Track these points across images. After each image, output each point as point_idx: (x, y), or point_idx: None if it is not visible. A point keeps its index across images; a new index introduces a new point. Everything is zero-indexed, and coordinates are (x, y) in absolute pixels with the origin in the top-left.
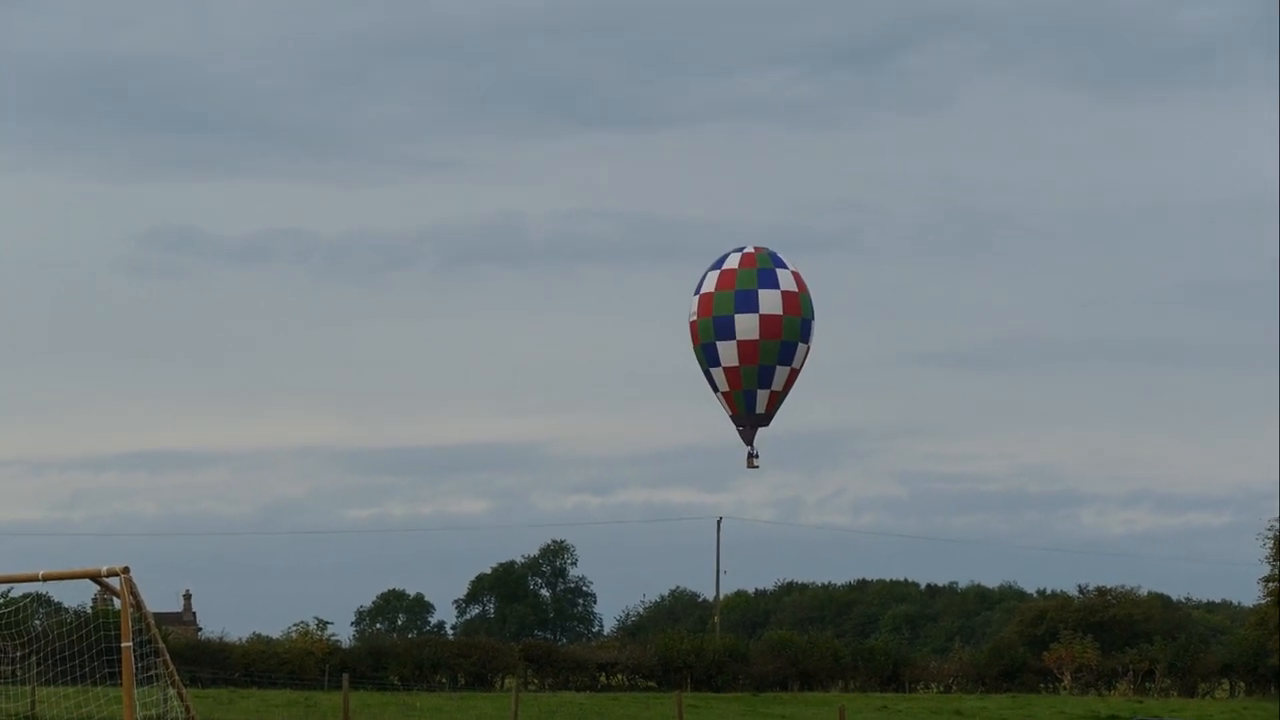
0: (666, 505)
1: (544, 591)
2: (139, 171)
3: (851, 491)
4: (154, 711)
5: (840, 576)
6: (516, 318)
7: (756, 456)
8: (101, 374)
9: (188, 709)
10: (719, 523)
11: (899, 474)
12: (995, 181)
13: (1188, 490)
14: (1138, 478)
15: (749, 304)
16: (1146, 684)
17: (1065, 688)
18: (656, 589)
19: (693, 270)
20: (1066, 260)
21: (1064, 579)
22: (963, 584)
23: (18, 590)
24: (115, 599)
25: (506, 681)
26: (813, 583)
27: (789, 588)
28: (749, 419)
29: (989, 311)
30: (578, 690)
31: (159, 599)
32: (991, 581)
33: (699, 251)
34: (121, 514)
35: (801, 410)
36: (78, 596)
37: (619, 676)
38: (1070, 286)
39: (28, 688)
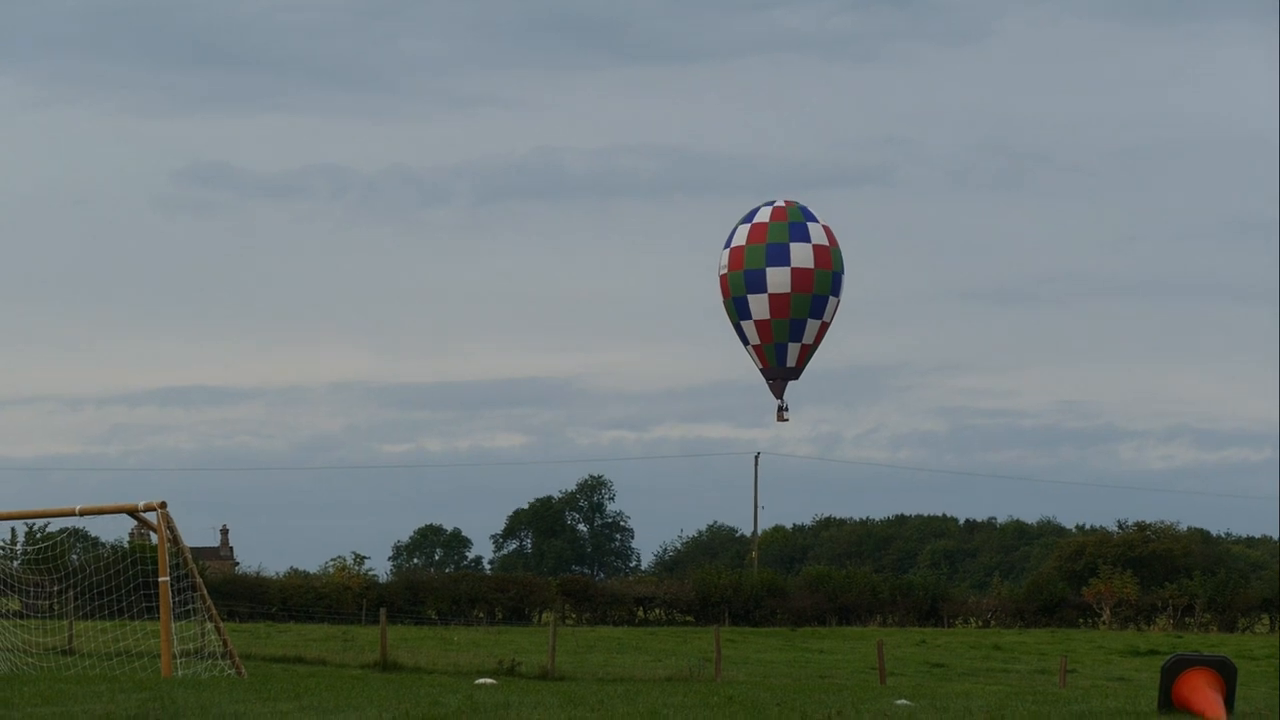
0: (704, 441)
1: (581, 527)
2: (174, 107)
3: (890, 427)
4: (191, 645)
5: (878, 512)
6: (553, 254)
7: (786, 409)
8: (137, 310)
9: (225, 643)
10: (756, 458)
11: (937, 409)
12: (1034, 116)
13: (1227, 426)
14: (1177, 413)
15: (781, 257)
16: (1186, 619)
17: (1104, 623)
18: (694, 524)
19: (730, 206)
20: (1105, 195)
21: (1103, 514)
22: (1001, 519)
23: (55, 525)
24: (152, 534)
25: (544, 616)
26: (850, 518)
27: (827, 523)
28: (780, 372)
29: (1027, 247)
30: (615, 625)
31: (196, 534)
32: (1030, 517)
33: (736, 186)
34: (158, 449)
35: (840, 346)
36: (115, 531)
37: (656, 611)
38: (1109, 222)
39: (65, 621)
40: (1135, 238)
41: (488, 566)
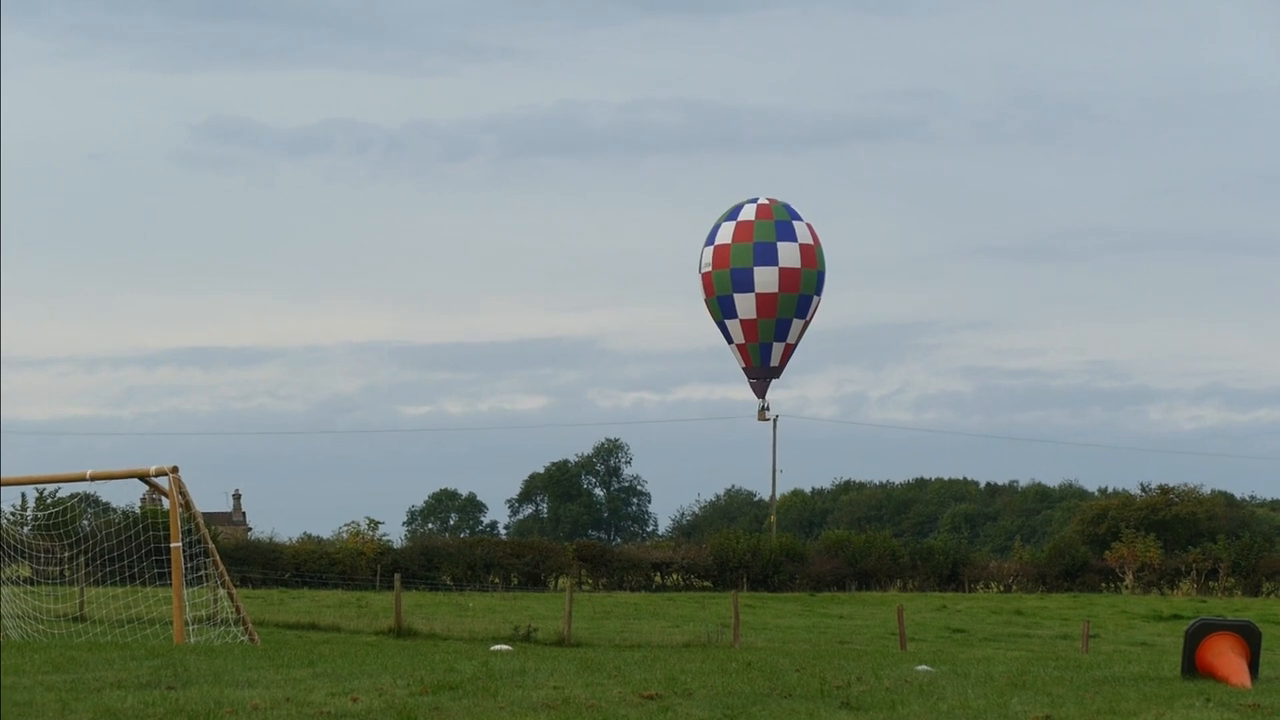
0: (726, 402)
1: (598, 491)
2: (193, 61)
3: (915, 387)
4: (204, 612)
5: (898, 475)
6: (576, 210)
7: (768, 409)
8: (154, 268)
9: (238, 609)
10: (775, 420)
11: (964, 369)
12: (1065, 68)
13: (1262, 385)
14: (1211, 372)
15: (768, 257)
16: (1210, 583)
17: (1127, 587)
18: (712, 488)
19: (755, 160)
20: (1137, 149)
21: (1126, 477)
22: (1023, 482)
23: (65, 490)
24: (164, 499)
25: (560, 582)
26: (870, 481)
27: (846, 486)
28: (762, 372)
29: (1058, 201)
30: (632, 590)
31: (209, 499)
32: (1053, 480)
33: (762, 141)
34: (173, 412)
35: (863, 303)
36: (126, 496)
37: (674, 576)
38: (1141, 176)
39: (76, 588)
40: (1169, 191)
41: (503, 531)
